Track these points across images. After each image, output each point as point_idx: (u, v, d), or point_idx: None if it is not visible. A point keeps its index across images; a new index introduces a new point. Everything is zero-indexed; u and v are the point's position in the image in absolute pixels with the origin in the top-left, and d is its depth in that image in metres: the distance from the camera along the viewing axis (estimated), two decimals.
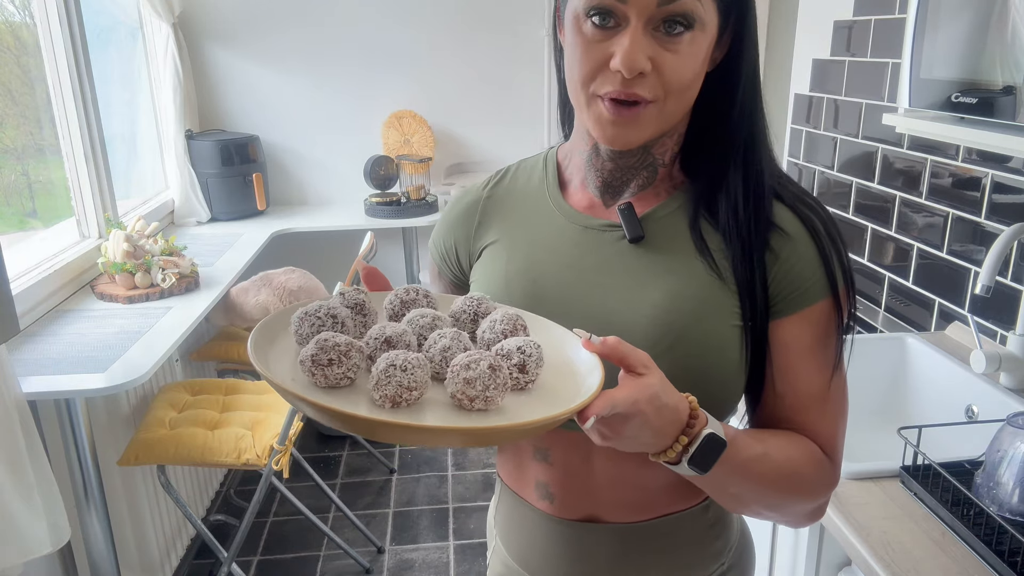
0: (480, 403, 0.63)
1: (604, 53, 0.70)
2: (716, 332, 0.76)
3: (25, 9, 2.15)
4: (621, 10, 0.69)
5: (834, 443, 0.80)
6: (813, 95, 2.19)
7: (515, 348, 0.67)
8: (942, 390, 1.54)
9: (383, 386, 0.62)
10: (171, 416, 2.06)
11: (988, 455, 1.12)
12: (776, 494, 0.76)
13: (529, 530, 0.89)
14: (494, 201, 0.90)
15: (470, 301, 0.76)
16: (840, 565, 1.22)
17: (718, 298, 0.77)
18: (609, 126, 0.73)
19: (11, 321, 1.37)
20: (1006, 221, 1.51)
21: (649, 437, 0.66)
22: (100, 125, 2.33)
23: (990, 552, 1.01)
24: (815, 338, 0.78)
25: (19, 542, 1.45)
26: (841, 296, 0.78)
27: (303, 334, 0.69)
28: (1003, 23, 1.25)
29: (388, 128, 3.18)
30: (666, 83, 0.71)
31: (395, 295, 0.77)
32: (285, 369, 0.67)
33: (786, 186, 0.80)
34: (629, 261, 0.80)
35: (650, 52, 0.69)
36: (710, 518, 0.87)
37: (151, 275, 2.11)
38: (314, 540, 2.57)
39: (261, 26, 3.08)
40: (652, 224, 0.80)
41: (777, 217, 0.77)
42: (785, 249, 0.76)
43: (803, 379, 0.78)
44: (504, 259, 0.85)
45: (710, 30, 0.72)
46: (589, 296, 0.80)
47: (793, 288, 0.77)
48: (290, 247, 3.16)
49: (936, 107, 1.41)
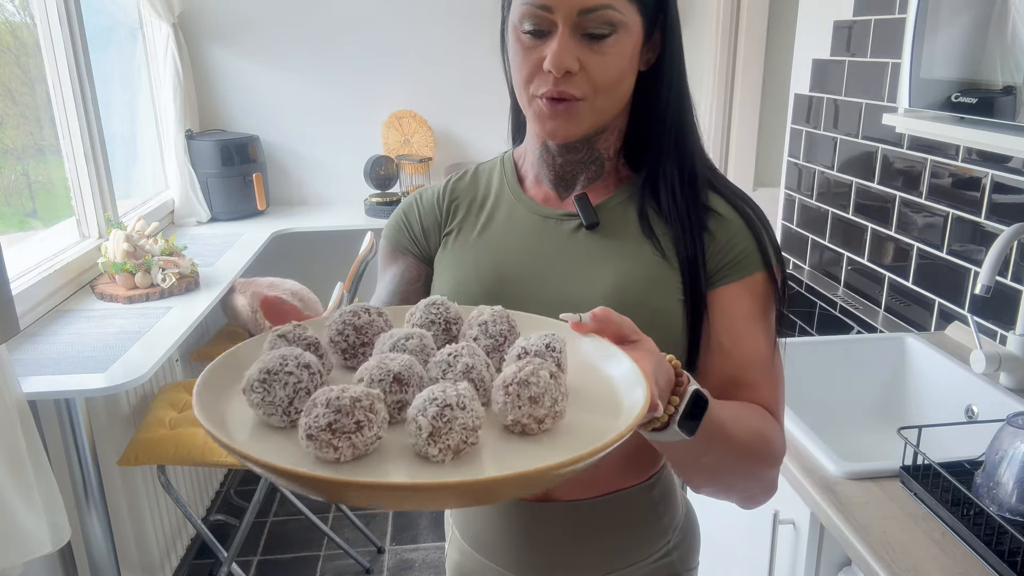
0: (549, 422, 0.53)
1: (538, 57, 0.79)
2: (663, 306, 0.84)
3: (25, 9, 2.15)
4: (548, 19, 0.77)
5: (780, 409, 0.86)
6: (813, 95, 2.19)
7: (544, 347, 0.59)
8: (942, 390, 1.54)
9: (444, 435, 0.50)
10: (171, 416, 2.06)
11: (988, 455, 1.12)
12: (747, 458, 0.78)
13: (483, 514, 0.93)
14: (456, 194, 0.97)
15: (433, 308, 0.68)
16: (840, 565, 1.22)
17: (663, 276, 0.84)
18: (548, 120, 0.81)
19: (11, 321, 1.37)
20: (1006, 221, 1.51)
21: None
22: (100, 125, 2.33)
23: (990, 552, 1.01)
24: (756, 304, 0.84)
25: (19, 542, 1.44)
26: (775, 270, 0.85)
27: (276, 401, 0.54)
28: (1003, 23, 1.25)
29: (388, 128, 3.18)
30: (594, 82, 0.79)
31: (343, 322, 0.63)
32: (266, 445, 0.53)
33: (719, 179, 0.89)
34: (584, 246, 0.87)
35: (579, 53, 0.77)
36: (655, 496, 0.92)
37: (151, 275, 2.11)
38: (314, 540, 2.57)
39: (261, 26, 3.08)
40: (604, 213, 0.88)
41: (713, 203, 0.86)
42: (720, 228, 0.85)
43: (749, 337, 0.84)
44: (472, 244, 0.92)
45: (634, 32, 0.79)
46: (549, 279, 0.87)
47: (730, 260, 0.84)
48: (290, 247, 3.16)
49: (936, 107, 1.41)
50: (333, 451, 0.50)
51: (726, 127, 3.28)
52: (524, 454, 0.53)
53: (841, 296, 2.05)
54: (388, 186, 3.15)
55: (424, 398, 0.52)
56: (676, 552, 0.94)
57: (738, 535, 1.49)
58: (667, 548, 0.93)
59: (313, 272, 3.23)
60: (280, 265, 3.16)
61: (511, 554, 0.91)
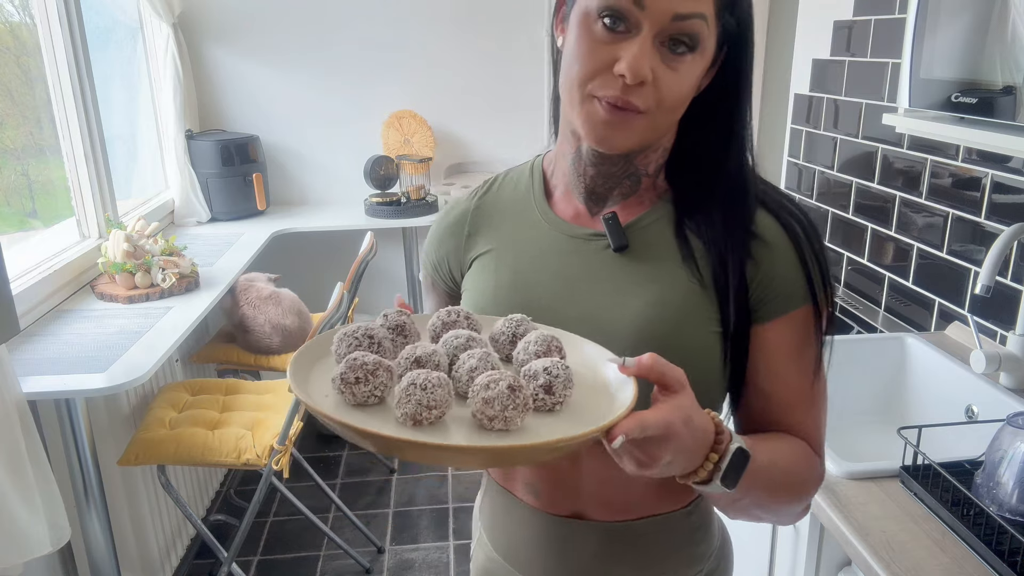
0: (499, 423, 0.63)
1: (610, 56, 0.71)
2: (697, 339, 0.78)
3: (25, 9, 2.15)
4: (636, 16, 0.69)
5: (820, 441, 0.83)
6: (813, 95, 2.19)
7: (541, 368, 0.67)
8: (942, 390, 1.54)
9: (403, 404, 0.63)
10: (171, 416, 2.06)
11: (988, 455, 1.12)
12: (781, 498, 0.78)
13: (514, 523, 0.90)
14: (482, 212, 0.91)
15: (509, 322, 0.76)
16: (840, 565, 1.22)
17: (699, 305, 0.78)
18: (600, 126, 0.74)
19: (11, 321, 1.37)
20: (1006, 221, 1.51)
21: (683, 459, 0.66)
22: (100, 125, 2.33)
23: (990, 552, 1.01)
24: (799, 341, 0.79)
25: (19, 542, 1.44)
26: (820, 301, 0.79)
27: (340, 353, 0.71)
28: (1003, 23, 1.25)
29: (388, 128, 3.18)
30: (660, 97, 0.72)
31: (437, 317, 0.78)
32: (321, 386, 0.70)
33: (769, 193, 0.81)
34: (614, 270, 0.81)
35: (653, 64, 0.70)
36: (693, 522, 0.88)
37: (151, 275, 2.11)
38: (314, 540, 2.57)
39: (261, 26, 3.08)
40: (636, 233, 0.82)
41: (759, 226, 0.79)
42: (766, 258, 0.78)
43: (790, 380, 0.80)
44: (493, 269, 0.87)
45: (708, 56, 0.74)
46: (575, 304, 0.81)
47: (775, 294, 0.78)
48: (290, 247, 3.16)
49: (936, 107, 1.41)
50: (341, 394, 0.66)
51: None
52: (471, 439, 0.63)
53: (841, 296, 2.05)
54: (388, 186, 3.15)
55: (407, 376, 0.65)
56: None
57: (738, 535, 1.49)
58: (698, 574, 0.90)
59: (313, 272, 3.23)
60: (280, 265, 3.15)
61: (539, 568, 0.89)
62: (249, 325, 2.41)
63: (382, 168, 3.12)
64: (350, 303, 2.36)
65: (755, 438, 0.78)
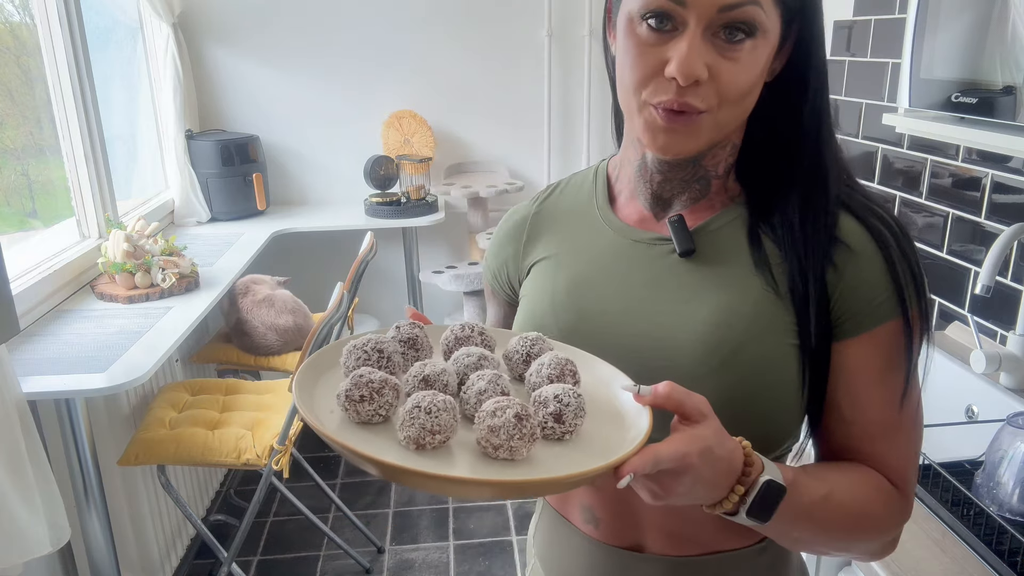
0: (504, 452, 0.61)
1: (659, 58, 0.67)
2: (770, 351, 0.71)
3: (25, 9, 2.15)
4: (679, 13, 0.65)
5: (906, 474, 0.74)
6: None
7: (552, 396, 0.64)
8: (942, 390, 1.54)
9: (407, 427, 0.61)
10: (171, 416, 2.06)
11: (988, 455, 1.12)
12: (842, 536, 0.72)
13: (570, 552, 0.85)
14: (543, 216, 0.87)
15: (524, 341, 0.74)
16: (840, 565, 1.22)
17: (774, 315, 0.72)
18: (661, 134, 0.69)
19: (11, 321, 1.37)
20: (1006, 221, 1.51)
21: (702, 491, 0.63)
22: (100, 125, 2.33)
23: (990, 552, 1.01)
24: (884, 361, 0.72)
25: (19, 542, 1.44)
26: (912, 316, 0.72)
27: (349, 367, 0.69)
28: (1003, 23, 1.25)
29: (388, 128, 3.18)
30: (722, 92, 0.67)
31: (451, 331, 0.76)
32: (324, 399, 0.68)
33: (855, 194, 0.75)
34: (680, 276, 0.76)
35: (708, 59, 0.65)
36: (766, 561, 0.81)
37: (151, 275, 2.11)
38: (314, 540, 2.57)
39: (261, 26, 3.08)
40: (705, 237, 0.76)
41: (843, 230, 0.72)
42: (849, 265, 0.71)
43: (873, 406, 0.73)
44: (551, 275, 0.83)
45: (772, 39, 0.68)
46: (637, 312, 0.76)
47: (859, 308, 0.71)
48: (290, 247, 3.16)
49: (936, 107, 1.41)
50: (346, 412, 0.64)
51: None
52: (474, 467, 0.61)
53: None
54: (388, 186, 3.15)
55: (413, 397, 0.62)
56: None
57: None
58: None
59: (313, 272, 3.23)
60: (280, 265, 3.15)
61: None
62: (245, 329, 2.41)
63: (382, 168, 3.12)
64: (350, 303, 2.36)
65: (809, 469, 0.73)
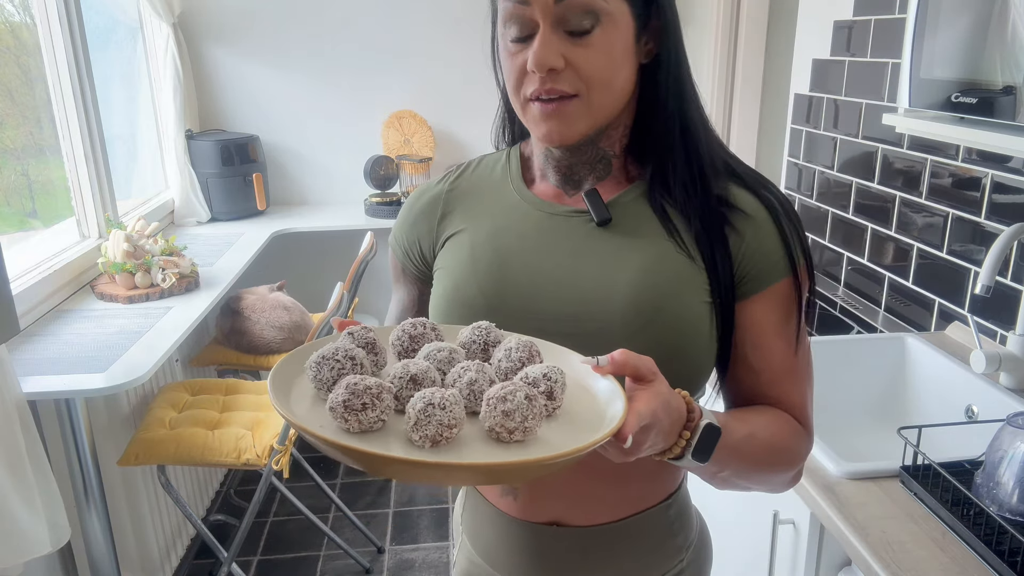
0: (519, 434, 0.63)
1: (523, 59, 0.76)
2: (689, 308, 0.79)
3: (25, 9, 2.15)
4: (527, 14, 0.74)
5: (806, 411, 0.84)
6: (813, 95, 2.19)
7: (541, 375, 0.67)
8: (942, 390, 1.54)
9: (423, 426, 0.61)
10: (171, 416, 2.06)
11: (988, 455, 1.12)
12: (763, 469, 0.81)
13: (493, 529, 0.92)
14: (456, 194, 0.91)
15: (478, 331, 0.76)
16: (840, 565, 1.22)
17: (689, 275, 0.79)
18: (542, 123, 0.77)
19: (11, 321, 1.37)
20: (1006, 221, 1.51)
21: (661, 440, 0.68)
22: (100, 125, 2.33)
23: (990, 552, 1.01)
24: (782, 314, 0.81)
25: (19, 542, 1.45)
26: (801, 273, 0.81)
27: (323, 379, 0.68)
28: (1003, 23, 1.25)
29: (388, 128, 3.18)
30: (585, 77, 0.75)
31: (402, 331, 0.76)
32: (308, 414, 0.66)
33: (745, 169, 0.84)
34: (599, 244, 0.82)
35: (562, 49, 0.74)
36: (672, 515, 0.90)
37: (151, 275, 2.11)
38: (314, 540, 2.57)
39: (261, 26, 3.08)
40: (618, 209, 0.83)
41: (739, 199, 0.81)
42: (748, 229, 0.80)
43: (776, 354, 0.82)
44: (469, 247, 0.86)
45: (622, 22, 0.75)
46: (560, 279, 0.81)
47: (759, 268, 0.80)
48: (290, 247, 3.16)
49: (936, 107, 1.41)
50: (344, 422, 0.62)
51: (726, 127, 3.27)
52: (492, 454, 0.62)
53: (841, 296, 2.05)
54: (388, 186, 3.15)
55: (419, 396, 0.62)
56: (688, 571, 0.92)
57: (738, 535, 1.49)
58: (680, 567, 0.91)
59: (313, 272, 3.23)
60: (280, 265, 3.16)
61: (520, 569, 0.90)
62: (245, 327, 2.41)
63: (382, 168, 3.12)
64: (350, 303, 2.36)
65: (733, 413, 0.81)
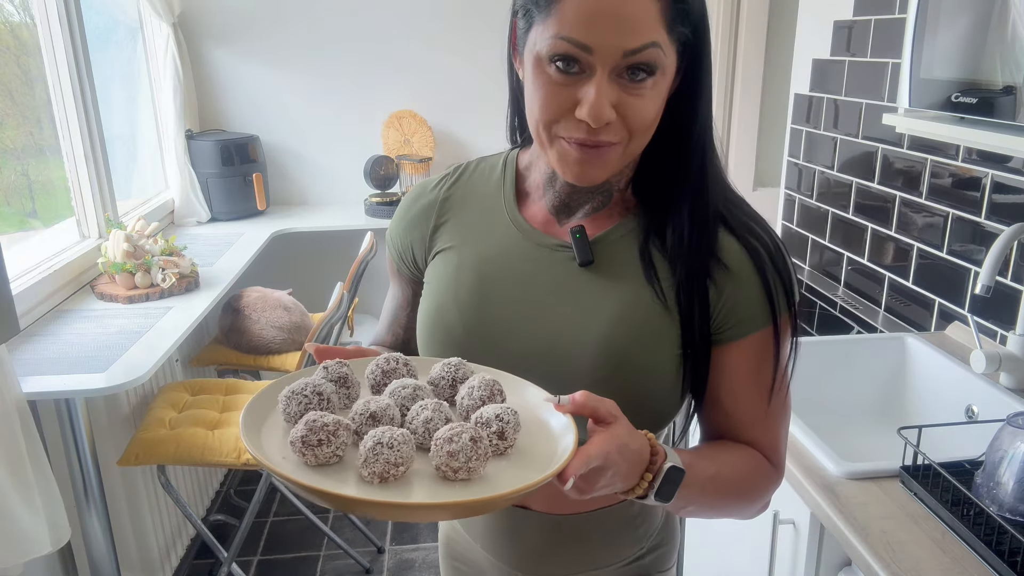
0: (463, 473, 0.66)
1: (570, 99, 0.71)
2: (657, 361, 0.80)
3: (25, 9, 2.15)
4: (586, 59, 0.69)
5: (777, 449, 0.85)
6: (813, 95, 2.19)
7: (493, 416, 0.70)
8: (942, 390, 1.54)
9: (371, 463, 0.64)
10: (171, 416, 2.06)
11: (988, 455, 1.12)
12: (726, 505, 0.83)
13: None
14: (451, 203, 0.91)
15: (448, 367, 0.79)
16: (840, 565, 1.22)
17: (662, 327, 0.80)
18: (575, 165, 0.75)
19: (11, 321, 1.37)
20: (1006, 221, 1.51)
21: (620, 481, 0.70)
22: (100, 125, 2.33)
23: (990, 552, 1.01)
24: (757, 361, 0.81)
25: (19, 542, 1.44)
26: (782, 323, 0.81)
27: (291, 412, 0.71)
28: (1003, 23, 1.25)
29: (388, 128, 3.18)
30: (630, 127, 0.72)
31: (376, 365, 0.79)
32: (275, 447, 0.69)
33: (735, 213, 0.81)
34: (579, 284, 0.82)
35: (614, 99, 0.70)
36: (633, 511, 0.91)
37: (151, 275, 2.11)
38: (314, 540, 2.57)
39: (261, 26, 3.08)
40: (604, 247, 0.82)
41: (722, 249, 0.79)
42: (728, 284, 0.79)
43: (749, 400, 0.82)
44: (455, 268, 0.87)
45: (670, 73, 0.74)
46: (540, 318, 0.82)
47: (736, 320, 0.80)
48: (290, 247, 3.16)
49: (936, 107, 1.41)
50: (303, 456, 0.66)
51: (726, 127, 3.27)
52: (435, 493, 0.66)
53: (841, 296, 2.05)
54: (388, 186, 3.15)
55: (370, 434, 0.66)
56: (650, 555, 0.95)
57: (738, 535, 1.49)
58: (640, 552, 0.94)
59: (313, 272, 3.23)
60: (280, 265, 3.16)
61: (493, 541, 0.94)
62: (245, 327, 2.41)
63: (382, 168, 3.12)
64: (350, 303, 2.36)
65: (701, 450, 0.82)
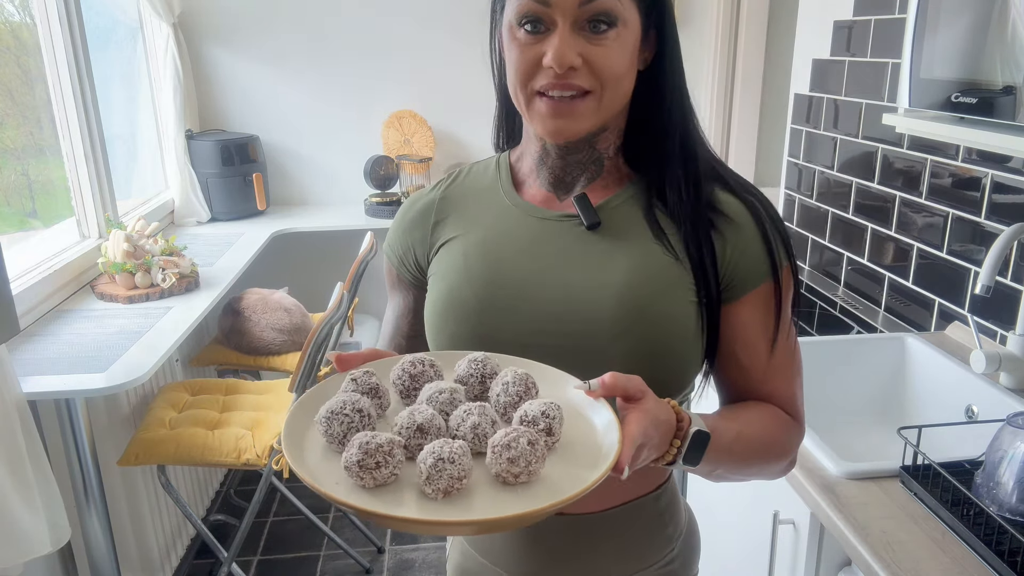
0: (524, 477, 0.67)
1: (537, 53, 0.78)
2: (675, 308, 0.82)
3: (25, 9, 2.15)
4: (547, 14, 0.76)
5: (796, 403, 0.88)
6: (813, 95, 2.19)
7: (540, 413, 0.70)
8: (942, 390, 1.54)
9: (435, 480, 0.65)
10: (171, 416, 2.06)
11: (988, 455, 1.12)
12: (754, 463, 0.85)
13: None
14: (449, 201, 0.93)
15: (475, 364, 0.78)
16: (840, 565, 1.22)
17: (675, 276, 0.82)
18: (550, 120, 0.79)
19: (11, 321, 1.37)
20: (1006, 221, 1.51)
21: (655, 453, 0.72)
22: (100, 125, 2.33)
23: (990, 552, 1.01)
24: (766, 315, 0.84)
25: (19, 542, 1.44)
26: (784, 275, 0.85)
27: (334, 434, 0.71)
28: (1003, 23, 1.25)
29: (388, 128, 3.18)
30: (599, 75, 0.77)
31: (403, 370, 0.79)
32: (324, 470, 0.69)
33: (730, 173, 0.87)
34: (588, 247, 0.84)
35: (580, 49, 0.76)
36: (662, 505, 0.92)
37: (151, 275, 2.11)
38: (314, 540, 2.57)
39: (261, 26, 3.08)
40: (607, 213, 0.85)
41: (723, 203, 0.84)
42: (733, 234, 0.83)
43: (764, 354, 0.85)
44: (462, 251, 0.89)
45: (633, 27, 0.79)
46: (550, 281, 0.84)
47: (744, 272, 0.83)
48: (290, 247, 3.16)
49: (936, 107, 1.41)
50: (360, 480, 0.66)
51: (726, 127, 3.28)
52: (500, 500, 0.66)
53: (841, 296, 2.05)
54: (388, 186, 3.15)
55: (428, 450, 0.65)
56: (678, 560, 0.93)
57: (738, 535, 1.49)
58: (671, 556, 0.93)
59: (313, 272, 3.23)
60: (280, 265, 3.16)
61: (512, 558, 0.91)
62: (245, 327, 2.42)
63: (382, 168, 3.12)
64: (350, 303, 2.36)
65: (723, 412, 0.85)
